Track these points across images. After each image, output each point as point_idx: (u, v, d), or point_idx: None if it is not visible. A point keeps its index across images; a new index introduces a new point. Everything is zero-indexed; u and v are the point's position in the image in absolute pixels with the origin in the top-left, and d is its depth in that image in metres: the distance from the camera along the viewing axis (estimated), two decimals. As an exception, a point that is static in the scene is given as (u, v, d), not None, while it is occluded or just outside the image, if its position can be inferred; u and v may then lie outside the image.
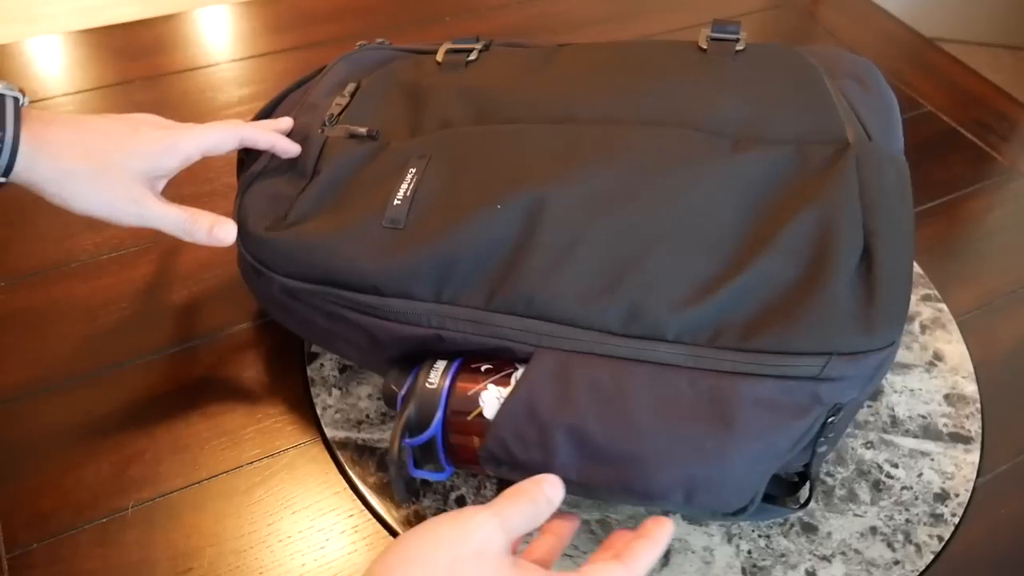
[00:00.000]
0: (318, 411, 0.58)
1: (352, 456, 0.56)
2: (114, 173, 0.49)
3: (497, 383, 0.47)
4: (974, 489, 0.57)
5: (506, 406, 0.45)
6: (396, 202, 0.51)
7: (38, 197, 0.49)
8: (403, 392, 0.48)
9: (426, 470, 0.49)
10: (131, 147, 0.50)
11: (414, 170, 0.53)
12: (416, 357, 0.50)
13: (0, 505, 0.53)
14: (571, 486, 0.44)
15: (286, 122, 0.59)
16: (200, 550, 0.51)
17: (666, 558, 0.52)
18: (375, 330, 0.50)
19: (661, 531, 0.43)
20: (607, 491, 0.45)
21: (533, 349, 0.47)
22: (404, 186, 0.52)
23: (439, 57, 0.64)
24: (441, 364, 0.48)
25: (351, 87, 0.62)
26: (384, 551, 0.38)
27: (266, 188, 0.56)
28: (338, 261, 0.50)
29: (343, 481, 0.55)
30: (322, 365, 0.61)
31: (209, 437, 0.57)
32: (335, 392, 0.60)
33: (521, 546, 0.47)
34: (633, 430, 0.43)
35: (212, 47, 0.91)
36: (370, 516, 0.54)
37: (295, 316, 0.54)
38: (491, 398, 0.46)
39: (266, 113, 0.63)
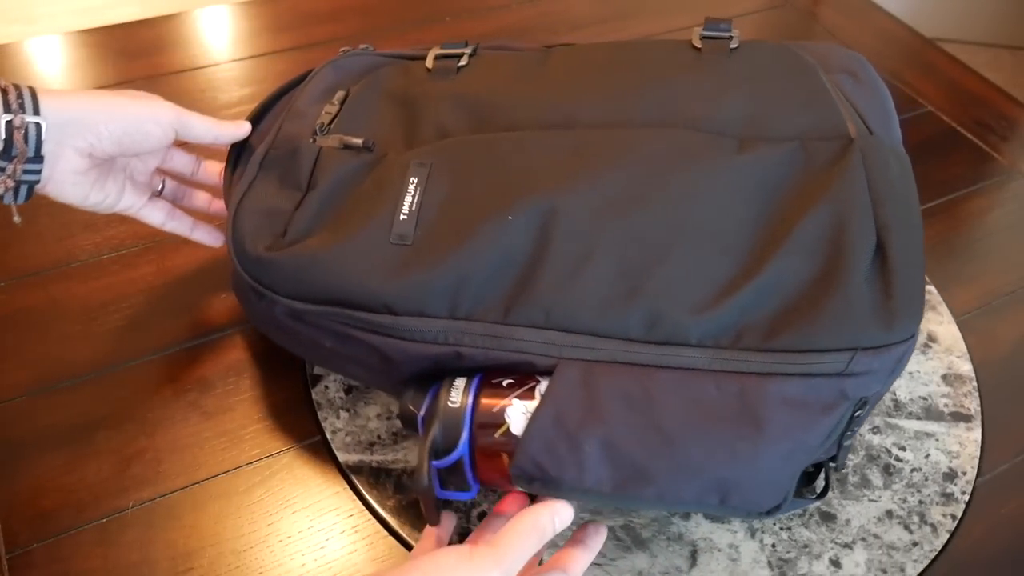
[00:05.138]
0: (328, 435, 0.57)
1: (368, 480, 0.55)
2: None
3: (522, 397, 0.46)
4: (974, 488, 0.57)
5: (534, 420, 0.44)
6: (402, 217, 0.50)
7: (39, 197, 0.51)
8: (423, 413, 0.47)
9: (452, 491, 0.47)
10: None
11: (415, 180, 0.51)
12: (430, 375, 0.48)
13: (0, 505, 0.53)
14: (604, 498, 0.44)
15: (244, 127, 0.58)
16: (200, 550, 0.51)
17: (693, 558, 0.52)
18: (388, 350, 0.49)
19: (597, 539, 0.48)
20: (641, 500, 0.45)
21: (555, 361, 0.46)
22: (408, 199, 0.51)
23: (429, 63, 0.61)
24: (461, 381, 0.47)
25: (340, 94, 0.59)
26: None
27: (259, 203, 0.53)
28: (347, 281, 0.48)
29: (343, 481, 0.55)
30: (327, 387, 0.60)
31: (209, 437, 0.57)
32: (343, 414, 0.58)
33: (547, 553, 0.48)
34: (665, 437, 0.43)
35: (212, 47, 0.91)
36: (370, 516, 0.54)
37: (300, 339, 0.52)
38: (517, 413, 0.45)
39: (253, 121, 0.60)
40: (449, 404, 0.46)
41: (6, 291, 0.65)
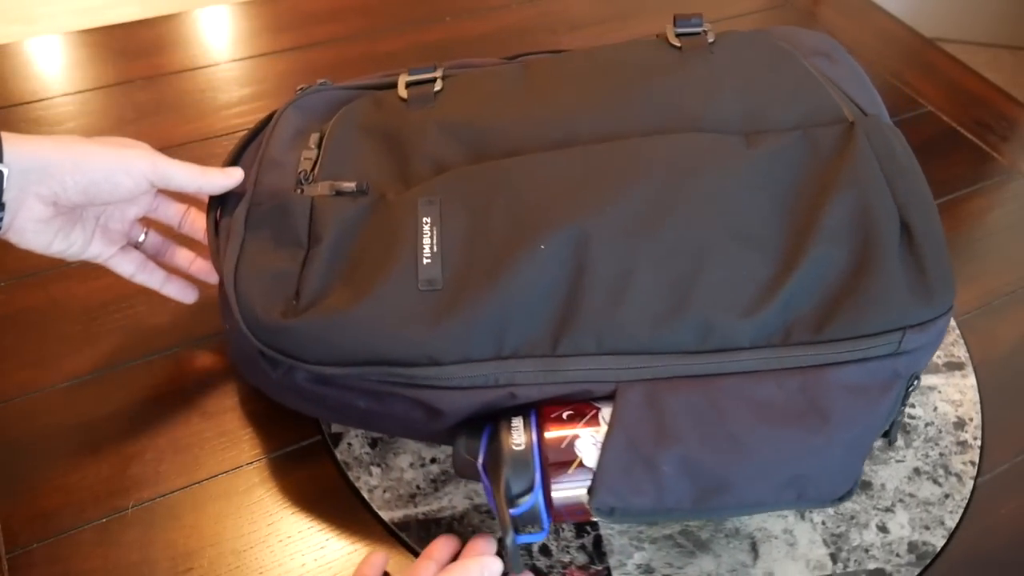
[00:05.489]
0: (364, 495, 0.54)
1: (418, 536, 0.52)
2: None
3: (587, 426, 0.44)
4: (974, 487, 0.57)
5: (607, 449, 0.43)
6: (426, 261, 0.47)
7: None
8: (482, 460, 0.45)
9: (526, 534, 0.45)
10: None
11: (428, 219, 0.49)
12: (477, 418, 0.47)
13: (0, 505, 0.53)
14: (683, 514, 0.44)
15: (236, 174, 0.54)
16: (200, 550, 0.51)
17: (754, 550, 0.52)
18: (436, 402, 0.46)
19: None
20: (721, 511, 0.45)
21: (614, 385, 0.45)
22: (427, 240, 0.48)
23: (402, 92, 0.57)
24: (518, 421, 0.45)
25: (315, 137, 0.55)
26: None
27: (258, 267, 0.49)
28: (381, 337, 0.46)
29: (343, 480, 0.55)
30: (350, 445, 0.56)
31: (209, 437, 0.57)
32: (375, 470, 0.55)
33: None
34: (738, 444, 0.43)
35: (212, 47, 0.91)
36: (369, 516, 0.54)
37: (327, 403, 0.50)
38: (587, 444, 0.44)
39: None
40: (514, 447, 0.44)
41: (6, 291, 0.65)
